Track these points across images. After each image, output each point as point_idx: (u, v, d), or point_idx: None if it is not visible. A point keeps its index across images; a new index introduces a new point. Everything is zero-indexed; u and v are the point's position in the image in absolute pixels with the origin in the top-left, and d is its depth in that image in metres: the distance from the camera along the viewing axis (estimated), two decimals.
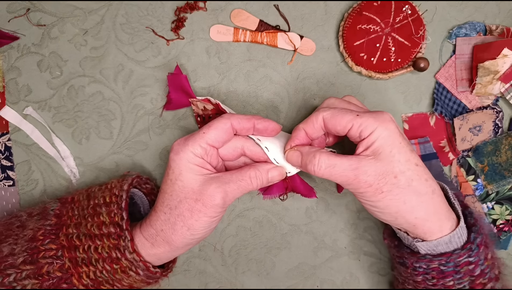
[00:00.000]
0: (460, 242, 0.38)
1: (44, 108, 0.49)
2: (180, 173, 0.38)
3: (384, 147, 0.36)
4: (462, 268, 0.38)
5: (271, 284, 0.50)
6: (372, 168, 0.36)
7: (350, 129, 0.37)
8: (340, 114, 0.37)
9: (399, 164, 0.36)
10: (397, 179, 0.36)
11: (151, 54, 0.48)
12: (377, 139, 0.36)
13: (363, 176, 0.36)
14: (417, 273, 0.39)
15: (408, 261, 0.40)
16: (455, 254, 0.38)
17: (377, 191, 0.36)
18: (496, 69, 0.45)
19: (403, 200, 0.36)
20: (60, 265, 0.39)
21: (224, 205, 0.38)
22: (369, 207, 0.38)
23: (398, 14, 0.46)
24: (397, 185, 0.36)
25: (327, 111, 0.38)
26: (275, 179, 0.41)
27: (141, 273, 0.39)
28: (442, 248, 0.38)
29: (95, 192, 0.42)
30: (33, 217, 0.42)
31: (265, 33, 0.48)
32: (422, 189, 0.37)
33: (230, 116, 0.39)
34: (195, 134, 0.38)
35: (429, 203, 0.37)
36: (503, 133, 0.47)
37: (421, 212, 0.37)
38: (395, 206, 0.37)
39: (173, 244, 0.39)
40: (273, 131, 0.41)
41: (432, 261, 0.38)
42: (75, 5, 0.48)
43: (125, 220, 0.39)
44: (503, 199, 0.48)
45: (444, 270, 0.38)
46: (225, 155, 0.41)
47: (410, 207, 0.37)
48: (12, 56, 0.48)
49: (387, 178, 0.36)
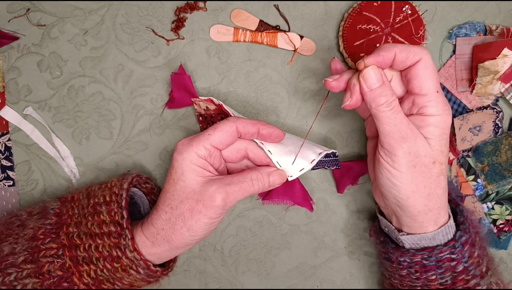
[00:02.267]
0: (445, 239, 0.39)
1: (44, 108, 0.49)
2: (182, 173, 0.38)
3: (436, 134, 0.37)
4: (443, 263, 0.39)
5: (271, 284, 0.50)
6: (421, 144, 0.37)
7: (421, 96, 0.37)
8: (431, 75, 0.37)
9: (441, 155, 0.37)
10: (434, 165, 0.37)
11: (151, 54, 0.48)
12: (433, 124, 0.37)
13: (410, 142, 0.36)
14: (402, 267, 0.41)
15: (393, 255, 0.41)
16: (437, 249, 0.39)
17: (410, 163, 0.37)
18: (496, 69, 0.45)
19: (425, 184, 0.37)
20: (61, 264, 0.39)
21: (225, 206, 0.38)
22: (389, 176, 0.38)
23: (398, 14, 0.46)
24: (430, 170, 0.37)
25: (429, 58, 0.37)
26: (276, 182, 0.41)
27: (142, 272, 0.39)
28: (425, 243, 0.39)
29: (95, 191, 0.42)
30: (33, 216, 0.43)
31: (265, 33, 0.48)
32: (443, 183, 0.38)
33: (236, 120, 0.39)
34: (200, 135, 0.39)
35: (441, 197, 0.39)
36: (503, 133, 0.47)
37: (432, 202, 0.38)
38: (415, 185, 0.37)
39: (172, 244, 0.39)
40: (277, 138, 0.41)
41: (415, 255, 0.39)
42: (75, 5, 0.48)
43: (126, 218, 0.39)
44: (503, 199, 0.48)
45: (426, 264, 0.39)
46: (229, 157, 0.41)
47: (426, 194, 0.38)
48: (12, 56, 0.48)
49: (426, 159, 0.37)
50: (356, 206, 0.49)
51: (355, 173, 0.48)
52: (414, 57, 0.36)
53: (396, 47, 0.36)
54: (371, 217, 0.49)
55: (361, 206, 0.49)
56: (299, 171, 0.42)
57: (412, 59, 0.36)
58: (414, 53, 0.36)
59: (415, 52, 0.36)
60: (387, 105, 0.36)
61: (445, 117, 0.37)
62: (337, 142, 0.49)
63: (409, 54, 0.36)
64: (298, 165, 0.42)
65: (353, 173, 0.48)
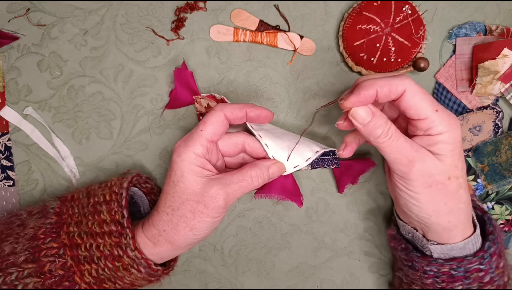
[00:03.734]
0: (474, 248, 0.39)
1: (44, 108, 0.49)
2: (182, 175, 0.38)
3: (447, 150, 0.36)
4: (472, 274, 0.38)
5: (271, 284, 0.50)
6: (432, 162, 0.36)
7: (422, 120, 0.35)
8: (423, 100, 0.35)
9: (456, 170, 0.36)
10: (450, 181, 0.36)
11: (151, 54, 0.48)
12: (443, 141, 0.35)
13: (420, 164, 0.36)
14: (427, 276, 0.40)
15: (418, 264, 0.40)
16: (466, 260, 0.38)
17: (425, 184, 0.36)
18: (496, 69, 0.45)
19: (444, 201, 0.37)
20: (62, 263, 0.39)
21: (226, 206, 0.38)
22: (408, 197, 0.37)
23: (398, 14, 0.46)
24: (446, 186, 0.36)
25: (414, 85, 0.35)
26: (275, 174, 0.41)
27: (143, 271, 0.39)
28: (455, 253, 0.39)
29: (95, 190, 0.42)
30: (33, 215, 0.43)
31: (265, 33, 0.48)
32: (464, 197, 0.37)
33: (222, 107, 0.39)
34: (193, 133, 0.39)
35: (464, 211, 0.38)
36: (503, 133, 0.47)
37: (455, 217, 0.37)
38: (435, 204, 0.37)
39: (175, 244, 0.39)
40: (265, 119, 0.41)
41: (443, 265, 0.38)
42: (75, 5, 0.48)
43: (126, 218, 0.39)
44: (503, 199, 0.48)
45: (455, 274, 0.38)
46: (226, 152, 0.41)
47: (448, 210, 0.37)
48: (12, 56, 0.48)
49: (440, 177, 0.36)
50: (356, 206, 0.49)
51: (355, 172, 0.48)
52: (397, 89, 0.35)
53: (376, 84, 0.35)
54: (371, 217, 0.49)
55: (361, 206, 0.49)
56: (293, 167, 0.42)
57: (396, 92, 0.35)
58: (396, 86, 0.35)
59: (397, 85, 0.35)
60: (385, 135, 0.36)
61: (453, 132, 0.35)
62: (337, 142, 0.49)
63: (391, 87, 0.35)
64: (293, 162, 0.42)
65: (353, 172, 0.48)
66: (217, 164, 0.41)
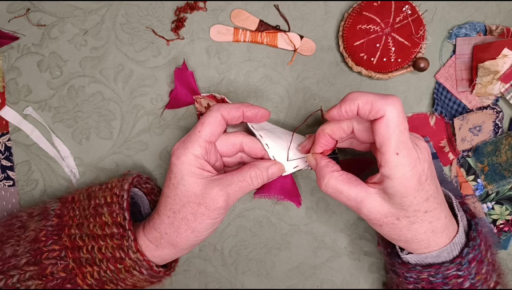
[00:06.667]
0: (451, 256, 0.38)
1: (44, 108, 0.49)
2: (182, 177, 0.38)
3: (397, 194, 0.34)
4: (450, 280, 0.38)
5: (271, 284, 0.50)
6: (378, 208, 0.36)
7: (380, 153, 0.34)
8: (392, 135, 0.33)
9: (406, 213, 0.36)
10: (399, 221, 0.36)
11: (151, 54, 0.48)
12: (391, 185, 0.34)
13: (365, 210, 0.36)
14: (408, 282, 0.40)
15: (399, 270, 0.41)
16: (444, 267, 0.38)
17: (376, 224, 0.37)
18: (496, 69, 0.45)
19: (399, 235, 0.37)
20: (64, 266, 0.39)
21: (227, 206, 0.38)
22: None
23: (398, 14, 0.46)
24: (397, 225, 0.37)
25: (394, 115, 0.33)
26: (275, 175, 0.41)
27: (145, 273, 0.39)
28: (430, 260, 0.39)
29: (95, 191, 0.42)
30: (34, 217, 0.43)
31: (265, 33, 0.48)
32: (423, 229, 0.37)
33: (219, 107, 0.39)
34: (191, 134, 0.39)
35: (426, 238, 0.37)
36: (503, 133, 0.47)
37: (416, 244, 0.38)
38: (392, 235, 0.38)
39: (178, 246, 0.39)
40: (262, 117, 0.41)
41: (422, 272, 0.39)
42: (75, 5, 0.48)
43: (128, 220, 0.39)
44: (503, 199, 0.48)
45: (433, 281, 0.38)
46: (224, 152, 0.41)
47: (406, 240, 0.38)
48: (12, 56, 0.48)
49: (388, 218, 0.36)
50: None
51: (355, 171, 0.48)
52: (377, 113, 0.33)
53: (359, 100, 0.33)
54: None
55: None
56: (293, 168, 0.42)
57: (375, 115, 0.33)
58: (377, 109, 0.33)
59: (378, 108, 0.33)
60: (325, 190, 0.38)
61: (403, 182, 0.33)
62: None
63: (372, 108, 0.33)
64: (293, 162, 0.42)
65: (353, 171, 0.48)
66: (216, 165, 0.41)
